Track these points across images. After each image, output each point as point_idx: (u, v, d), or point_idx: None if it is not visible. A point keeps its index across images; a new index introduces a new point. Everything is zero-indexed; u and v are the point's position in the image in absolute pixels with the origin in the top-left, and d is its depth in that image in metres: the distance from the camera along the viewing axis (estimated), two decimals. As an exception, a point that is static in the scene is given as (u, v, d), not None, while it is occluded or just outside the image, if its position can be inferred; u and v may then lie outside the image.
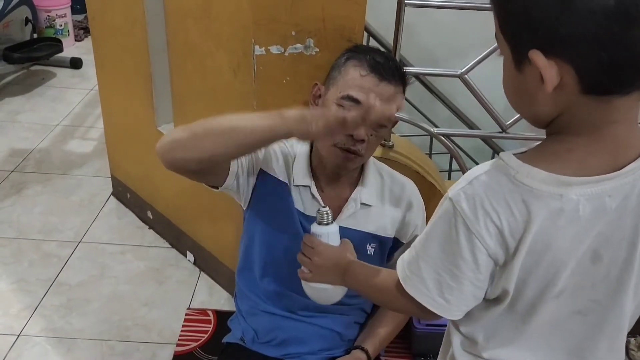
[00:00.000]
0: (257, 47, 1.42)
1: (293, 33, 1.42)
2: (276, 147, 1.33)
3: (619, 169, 0.68)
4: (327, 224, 1.06)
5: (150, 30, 1.89)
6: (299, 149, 1.34)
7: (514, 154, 0.72)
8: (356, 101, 1.20)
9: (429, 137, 2.60)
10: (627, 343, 1.79)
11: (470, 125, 2.63)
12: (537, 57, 0.64)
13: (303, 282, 1.12)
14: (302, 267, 1.09)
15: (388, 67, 1.23)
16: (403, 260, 0.82)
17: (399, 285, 0.82)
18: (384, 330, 1.39)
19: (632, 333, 1.80)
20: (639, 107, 0.68)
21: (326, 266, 1.02)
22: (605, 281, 0.75)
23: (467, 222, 0.72)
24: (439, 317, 0.82)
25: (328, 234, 1.06)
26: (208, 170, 1.21)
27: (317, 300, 1.15)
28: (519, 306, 0.77)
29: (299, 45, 1.44)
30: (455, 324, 0.86)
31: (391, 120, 1.00)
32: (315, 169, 1.32)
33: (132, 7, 1.90)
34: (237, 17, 1.46)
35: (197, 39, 1.65)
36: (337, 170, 1.30)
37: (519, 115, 1.51)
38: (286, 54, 1.44)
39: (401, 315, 1.41)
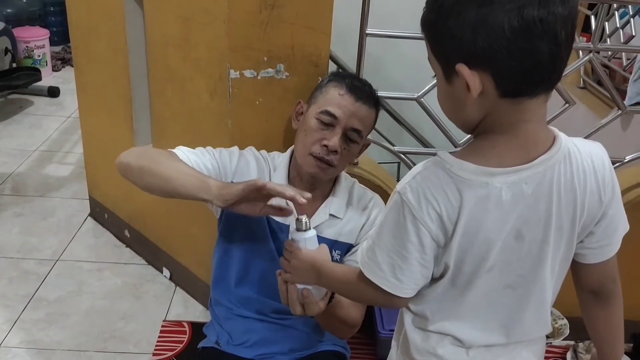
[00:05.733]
0: (232, 71, 1.55)
1: (265, 59, 1.56)
2: (252, 160, 1.44)
3: (532, 161, 0.83)
4: (305, 230, 1.16)
5: (132, 57, 2.01)
6: (279, 161, 1.47)
7: (449, 152, 0.86)
8: (332, 116, 1.35)
9: (396, 165, 2.76)
10: (576, 347, 1.92)
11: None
12: (462, 69, 0.78)
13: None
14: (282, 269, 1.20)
15: (364, 90, 1.39)
16: (362, 248, 0.94)
17: (360, 274, 0.94)
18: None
19: (580, 338, 1.94)
20: (546, 107, 0.83)
21: (303, 267, 1.13)
22: (528, 257, 0.88)
23: (412, 210, 0.85)
24: (400, 303, 0.94)
25: (305, 240, 1.15)
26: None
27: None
28: (458, 281, 0.90)
29: (270, 69, 1.58)
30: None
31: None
32: (292, 180, 1.44)
33: (115, 36, 2.02)
34: (214, 44, 1.59)
35: (177, 65, 1.77)
36: (312, 181, 1.42)
37: (469, 136, 1.69)
38: (259, 77, 1.58)
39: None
